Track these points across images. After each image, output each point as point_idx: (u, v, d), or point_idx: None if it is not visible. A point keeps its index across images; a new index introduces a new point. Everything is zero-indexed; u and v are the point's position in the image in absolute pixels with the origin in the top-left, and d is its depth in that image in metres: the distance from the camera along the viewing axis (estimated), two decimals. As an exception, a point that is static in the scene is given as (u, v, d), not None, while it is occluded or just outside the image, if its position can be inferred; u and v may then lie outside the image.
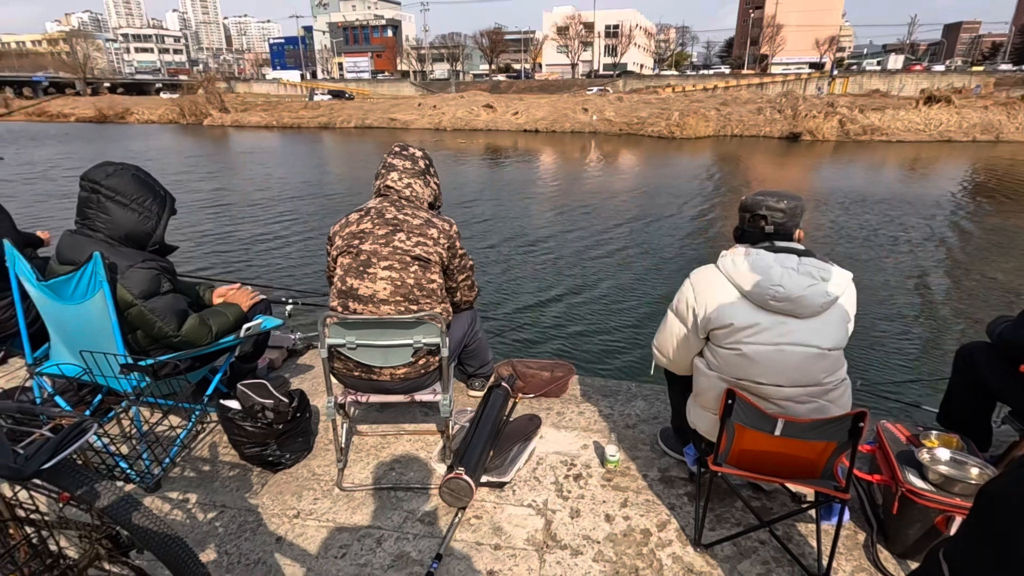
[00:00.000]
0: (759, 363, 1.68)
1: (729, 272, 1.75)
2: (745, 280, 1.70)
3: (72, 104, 53.99)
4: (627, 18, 77.28)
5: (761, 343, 1.67)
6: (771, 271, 1.66)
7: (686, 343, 1.87)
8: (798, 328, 1.66)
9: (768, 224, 1.77)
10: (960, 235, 11.03)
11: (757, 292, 1.67)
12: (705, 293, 1.78)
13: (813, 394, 1.70)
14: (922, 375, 5.40)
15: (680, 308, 1.87)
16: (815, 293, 1.64)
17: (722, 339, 1.74)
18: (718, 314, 1.73)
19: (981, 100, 33.57)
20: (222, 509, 2.00)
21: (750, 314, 1.69)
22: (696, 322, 1.80)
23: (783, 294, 1.64)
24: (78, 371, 2.05)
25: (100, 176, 2.03)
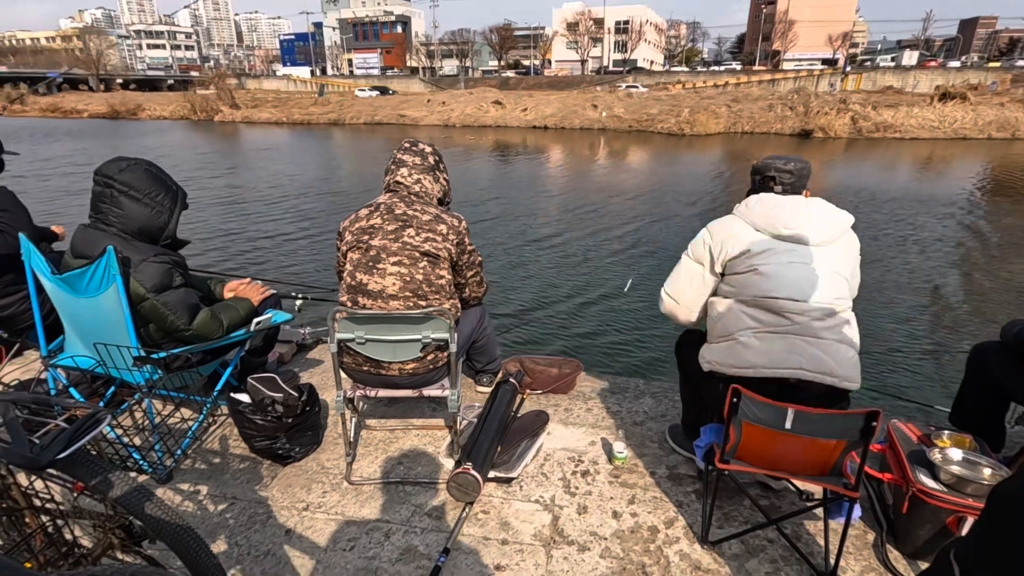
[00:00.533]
0: (776, 278, 1.76)
1: (742, 213, 1.91)
2: (757, 216, 1.85)
3: (86, 100, 54.51)
4: (637, 14, 76.81)
5: (775, 262, 1.78)
6: (781, 206, 1.84)
7: (700, 282, 1.94)
8: (809, 252, 1.79)
9: (777, 184, 1.92)
10: (974, 234, 10.89)
11: (769, 223, 1.82)
12: (720, 232, 1.90)
13: (826, 312, 1.75)
14: (934, 375, 5.34)
15: (695, 250, 1.95)
16: (822, 223, 1.81)
17: (738, 265, 1.83)
18: (734, 245, 1.85)
19: (997, 97, 33.06)
20: (232, 501, 2.03)
21: (765, 242, 1.81)
22: (712, 258, 1.89)
23: (793, 223, 1.79)
24: (92, 363, 2.07)
25: (113, 171, 2.05)
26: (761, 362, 1.74)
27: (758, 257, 1.79)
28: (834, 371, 1.71)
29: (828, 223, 1.82)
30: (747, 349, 1.77)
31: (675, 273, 2.01)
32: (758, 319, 1.78)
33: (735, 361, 1.79)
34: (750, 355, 1.76)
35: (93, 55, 76.14)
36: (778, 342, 1.74)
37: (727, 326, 1.84)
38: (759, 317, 1.78)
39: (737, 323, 1.81)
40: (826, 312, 1.75)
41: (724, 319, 1.85)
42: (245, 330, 2.32)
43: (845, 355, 1.74)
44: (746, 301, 1.80)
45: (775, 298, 1.75)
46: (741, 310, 1.81)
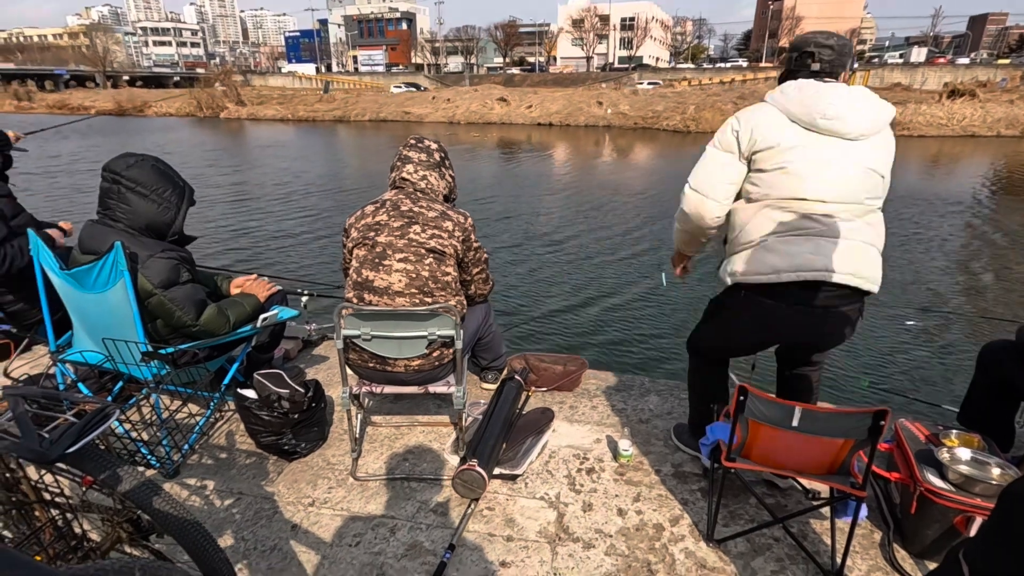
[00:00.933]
0: (805, 178, 1.66)
1: (777, 101, 1.74)
2: (793, 103, 1.70)
3: (92, 97, 54.80)
4: (643, 10, 76.41)
5: (806, 160, 1.67)
6: (820, 93, 1.68)
7: (724, 171, 1.78)
8: (844, 147, 1.68)
9: (815, 62, 1.75)
10: (982, 233, 10.80)
11: (806, 112, 1.67)
12: (751, 120, 1.75)
13: (855, 212, 1.70)
14: (941, 374, 5.31)
15: (723, 139, 1.80)
16: (864, 114, 1.67)
17: (766, 161, 1.71)
18: (763, 135, 1.70)
19: (1007, 94, 32.70)
20: (239, 496, 2.04)
21: (797, 135, 1.68)
22: (740, 146, 1.74)
23: (833, 112, 1.64)
24: (100, 359, 2.09)
25: (121, 167, 2.06)
26: (786, 266, 1.69)
27: (788, 153, 1.67)
28: (859, 272, 1.68)
29: (870, 114, 1.68)
30: (771, 253, 1.71)
31: (700, 165, 1.84)
32: (784, 222, 1.70)
33: (759, 267, 1.73)
34: (775, 259, 1.70)
35: (100, 52, 76.48)
36: (804, 244, 1.68)
37: (750, 232, 1.76)
38: (785, 220, 1.70)
39: (760, 229, 1.73)
40: (855, 213, 1.69)
41: (747, 226, 1.76)
42: (251, 326, 2.33)
43: (871, 256, 1.71)
44: (771, 204, 1.71)
45: (803, 199, 1.67)
46: (766, 215, 1.72)
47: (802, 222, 1.68)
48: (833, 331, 1.80)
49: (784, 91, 1.75)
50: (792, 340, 1.93)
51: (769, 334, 1.90)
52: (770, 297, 1.75)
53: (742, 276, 1.78)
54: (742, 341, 1.99)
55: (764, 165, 1.71)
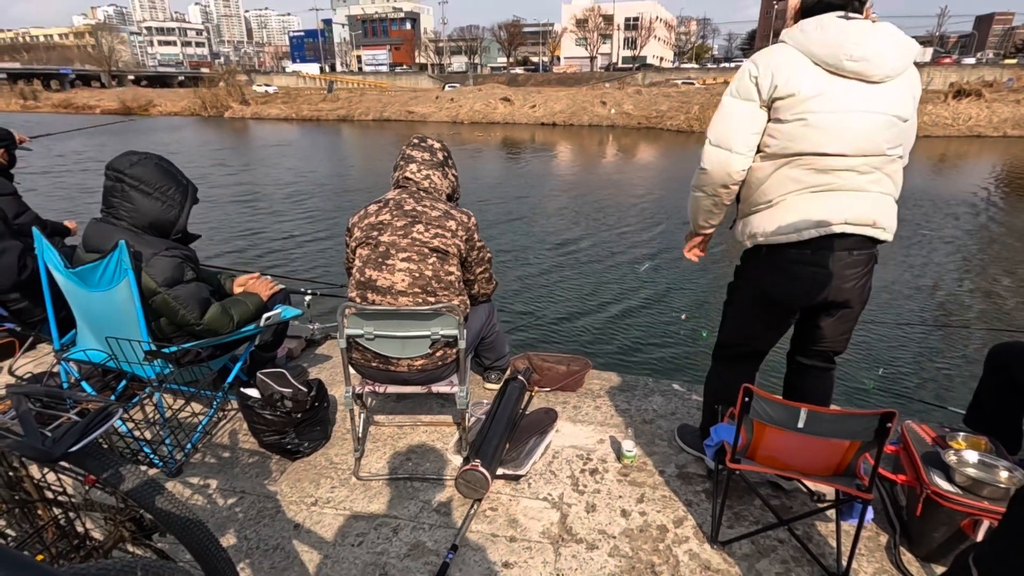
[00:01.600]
0: (825, 130, 1.59)
1: (798, 41, 1.63)
2: (816, 43, 1.60)
3: (98, 96, 55.12)
4: (647, 10, 76.30)
5: (828, 110, 1.59)
6: (846, 31, 1.57)
7: (749, 121, 1.68)
8: (868, 93, 1.60)
9: None
10: (988, 234, 10.74)
11: (831, 53, 1.57)
12: (770, 64, 1.64)
13: (875, 164, 1.64)
14: (948, 376, 5.28)
15: (740, 86, 1.70)
16: (890, 53, 1.58)
17: (786, 111, 1.62)
18: (784, 80, 1.61)
19: (1013, 94, 32.51)
20: (242, 495, 2.04)
21: (818, 81, 1.59)
22: (760, 93, 1.65)
23: (860, 52, 1.55)
24: (103, 357, 2.09)
25: (124, 165, 2.06)
26: (806, 224, 1.66)
27: (809, 102, 1.59)
28: (877, 223, 1.67)
29: (895, 53, 1.58)
30: (791, 212, 1.68)
31: (719, 117, 1.74)
32: (802, 180, 1.66)
33: (780, 227, 1.69)
34: (795, 218, 1.67)
35: (105, 52, 76.79)
36: (824, 200, 1.65)
37: (767, 192, 1.71)
38: (803, 178, 1.65)
39: (780, 188, 1.69)
40: (875, 164, 1.64)
41: (764, 185, 1.71)
42: (255, 325, 2.33)
43: (888, 206, 1.70)
44: (790, 161, 1.66)
45: (823, 154, 1.61)
46: (785, 174, 1.67)
47: (822, 178, 1.64)
48: (855, 280, 1.74)
49: (804, 29, 1.64)
50: (816, 296, 1.79)
51: (793, 292, 1.80)
52: (792, 248, 1.71)
53: (763, 237, 1.74)
54: (769, 309, 1.88)
55: (784, 115, 1.63)
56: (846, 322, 1.87)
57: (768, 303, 1.87)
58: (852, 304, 1.81)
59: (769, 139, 1.68)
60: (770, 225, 1.72)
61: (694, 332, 6.00)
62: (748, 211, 1.81)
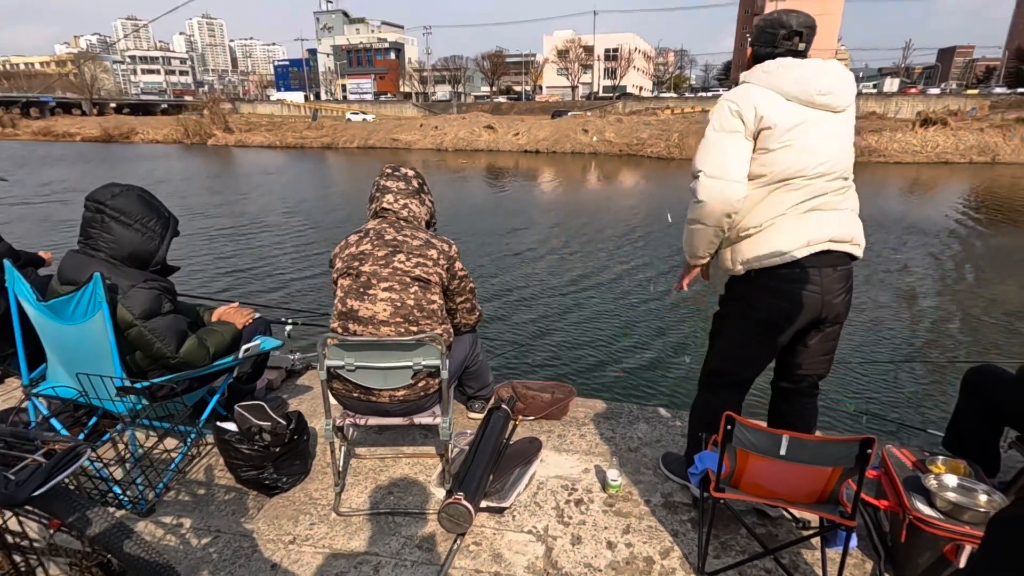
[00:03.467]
0: (812, 154, 1.72)
1: (764, 80, 1.75)
2: (785, 81, 1.73)
3: (79, 124, 54.64)
4: (626, 42, 78.56)
5: (810, 137, 1.72)
6: (808, 70, 1.73)
7: (739, 150, 1.74)
8: (835, 121, 1.76)
9: (802, 41, 1.79)
10: (960, 257, 11.04)
11: (802, 90, 1.71)
12: (749, 99, 1.74)
13: (846, 184, 1.81)
14: (925, 398, 5.35)
15: (723, 121, 1.76)
16: (846, 85, 1.76)
17: (771, 140, 1.72)
18: (767, 112, 1.71)
19: (977, 122, 33.88)
20: (217, 534, 1.97)
21: (795, 113, 1.72)
22: (745, 125, 1.73)
23: (826, 87, 1.72)
24: (74, 393, 2.03)
25: (105, 196, 2.05)
26: (795, 245, 1.74)
27: (792, 131, 1.71)
28: (855, 239, 1.80)
29: (849, 87, 1.77)
30: (781, 234, 1.75)
31: (707, 152, 1.78)
32: (791, 202, 1.75)
33: (771, 249, 1.76)
34: (785, 240, 1.75)
35: (87, 79, 76.56)
36: (809, 219, 1.75)
37: (757, 216, 1.78)
38: (792, 200, 1.75)
39: (769, 211, 1.77)
40: (845, 184, 1.80)
41: (755, 210, 1.78)
42: (233, 357, 2.29)
43: (858, 223, 1.83)
44: (779, 181, 1.74)
45: (809, 176, 1.73)
46: (774, 197, 1.76)
47: (809, 200, 1.75)
48: (839, 294, 1.82)
49: (767, 70, 1.76)
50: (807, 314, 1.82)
51: (784, 311, 1.82)
52: (783, 269, 1.77)
53: (756, 261, 1.79)
54: (759, 332, 1.89)
55: (770, 144, 1.73)
56: (830, 340, 1.92)
57: (764, 327, 1.89)
58: (840, 319, 1.89)
59: (759, 167, 1.76)
60: (763, 248, 1.77)
61: (680, 357, 6.03)
62: (737, 238, 1.85)
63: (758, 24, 1.85)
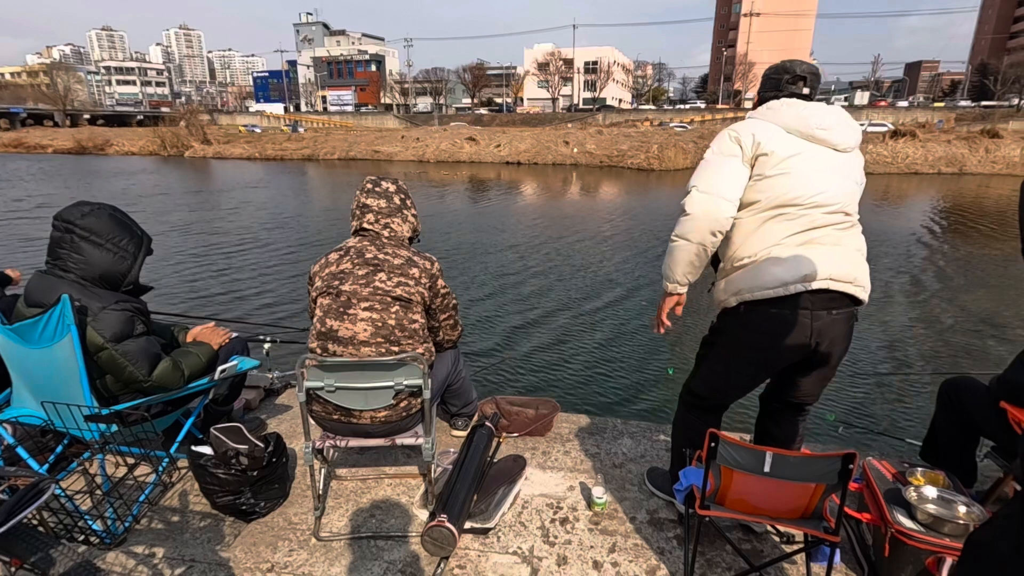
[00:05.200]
0: (808, 182, 1.71)
1: (768, 116, 1.81)
2: (787, 117, 1.78)
3: (51, 135, 53.45)
4: (606, 55, 79.77)
5: (807, 167, 1.73)
6: (808, 107, 1.78)
7: (734, 172, 1.77)
8: (837, 159, 1.77)
9: (806, 85, 1.85)
10: (932, 267, 11.31)
11: (803, 123, 1.75)
12: (749, 128, 1.79)
13: (851, 221, 1.78)
14: (902, 407, 5.44)
15: (723, 146, 1.80)
16: (849, 129, 1.80)
17: (769, 166, 1.74)
18: (765, 140, 1.75)
19: (944, 134, 35.01)
20: (191, 564, 1.90)
21: (794, 144, 1.75)
22: (743, 150, 1.76)
23: (827, 123, 1.75)
24: (40, 420, 1.95)
25: (75, 216, 1.99)
26: (792, 277, 1.69)
27: (789, 160, 1.73)
28: (857, 280, 1.74)
29: (853, 130, 1.81)
30: (777, 266, 1.70)
31: (704, 170, 1.81)
32: (787, 231, 1.72)
33: (766, 281, 1.71)
34: (781, 271, 1.69)
35: (60, 90, 75.11)
36: (808, 252, 1.70)
37: (752, 246, 1.75)
38: (788, 229, 1.72)
39: (764, 240, 1.74)
40: (849, 223, 1.77)
41: (749, 239, 1.76)
42: (209, 378, 2.23)
43: (864, 265, 1.79)
44: (774, 208, 1.73)
45: (806, 204, 1.71)
46: (770, 226, 1.73)
47: (806, 232, 1.72)
48: (835, 338, 1.77)
49: (771, 107, 1.82)
50: (796, 354, 1.81)
51: (773, 350, 1.80)
52: (775, 308, 1.73)
53: (748, 292, 1.75)
54: (745, 367, 1.89)
55: (767, 171, 1.74)
56: (824, 376, 1.91)
57: (750, 364, 1.87)
58: (832, 360, 1.85)
59: (755, 194, 1.76)
60: (755, 279, 1.73)
61: (663, 369, 6.05)
62: (731, 269, 1.83)
63: (765, 73, 1.94)
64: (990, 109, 53.50)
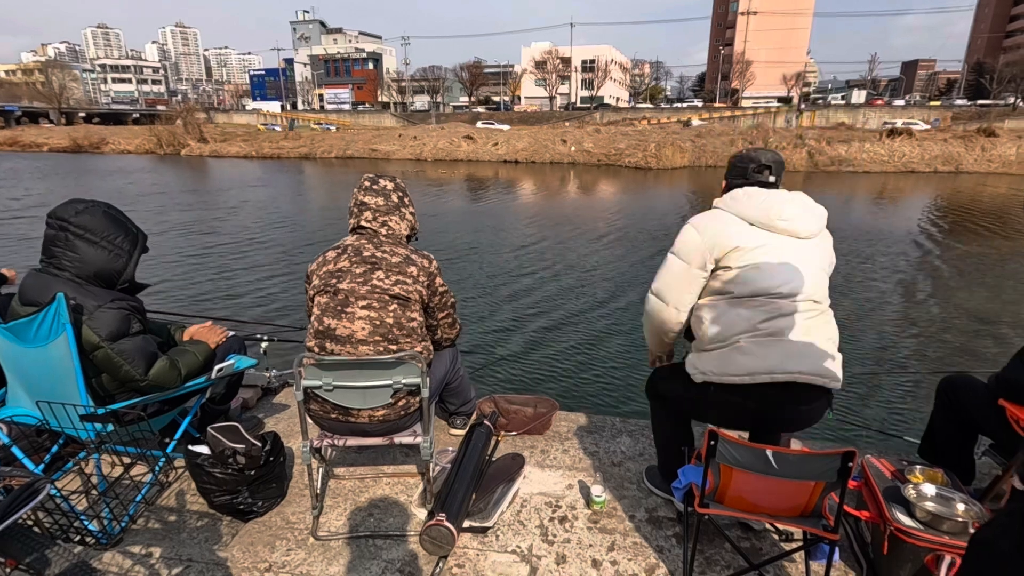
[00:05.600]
0: (774, 273, 1.75)
1: (730, 207, 1.86)
2: (749, 209, 1.82)
3: (46, 134, 53.15)
4: (603, 53, 79.67)
5: (773, 258, 1.77)
6: (771, 198, 1.83)
7: (689, 280, 1.86)
8: (801, 247, 1.81)
9: (772, 174, 1.93)
10: (929, 265, 11.35)
11: (763, 216, 1.80)
12: (709, 227, 1.85)
13: (819, 309, 1.80)
14: (899, 405, 5.45)
15: (682, 247, 1.88)
16: (811, 216, 1.84)
17: (732, 261, 1.79)
18: (727, 239, 1.80)
19: (940, 133, 35.11)
20: (188, 564, 1.89)
21: (758, 236, 1.79)
22: (703, 254, 1.82)
23: (788, 213, 1.80)
24: (36, 420, 1.94)
25: (69, 214, 1.97)
26: (759, 368, 1.73)
27: (754, 252, 1.77)
28: (825, 372, 1.76)
29: (816, 216, 1.86)
30: (745, 356, 1.75)
31: (662, 272, 1.93)
32: (753, 320, 1.75)
33: (732, 368, 1.76)
34: (748, 362, 1.74)
35: (55, 88, 74.71)
36: (775, 346, 1.74)
37: (721, 332, 1.79)
38: (754, 318, 1.75)
39: (731, 328, 1.78)
40: (817, 311, 1.79)
41: (717, 324, 1.80)
42: (206, 377, 2.22)
43: (834, 355, 1.80)
44: (741, 299, 1.77)
45: (772, 294, 1.74)
46: (736, 312, 1.77)
47: (773, 321, 1.75)
48: (799, 421, 1.87)
49: (735, 198, 1.88)
50: (759, 427, 1.96)
51: (735, 423, 1.95)
52: (739, 394, 1.79)
53: (715, 376, 1.81)
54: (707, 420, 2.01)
55: (732, 264, 1.79)
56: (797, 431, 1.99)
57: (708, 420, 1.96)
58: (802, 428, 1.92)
59: (723, 284, 1.82)
60: (723, 366, 1.79)
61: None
62: (701, 348, 1.88)
63: (731, 161, 2.01)
64: (986, 108, 53.68)
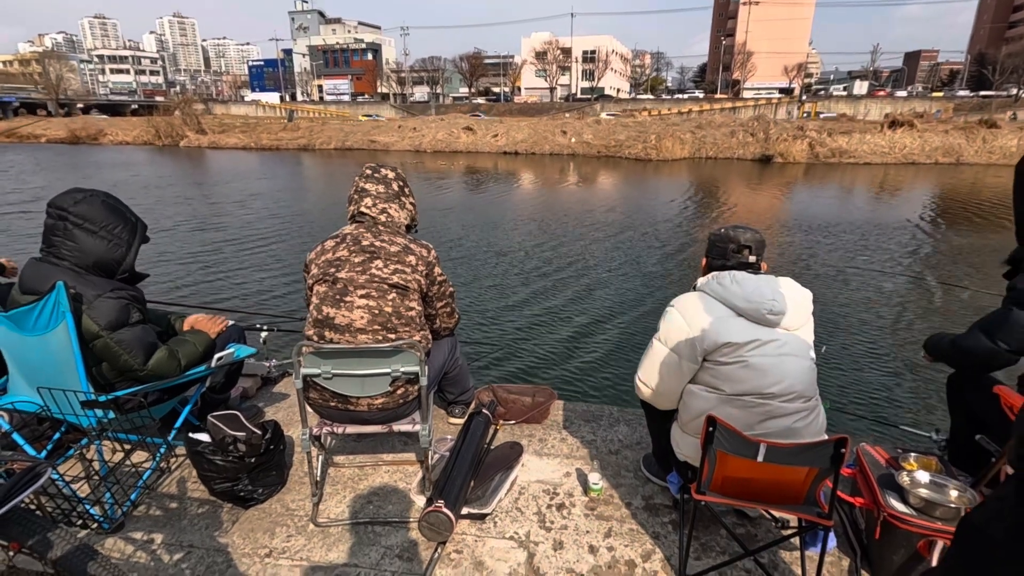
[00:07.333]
0: (767, 373, 1.71)
1: (719, 294, 1.80)
2: (739, 298, 1.77)
3: (44, 125, 52.94)
4: (603, 44, 79.22)
5: (764, 354, 1.72)
6: (762, 288, 1.77)
7: (677, 371, 1.84)
8: (791, 340, 1.76)
9: (752, 254, 1.89)
10: (927, 256, 11.35)
11: (753, 308, 1.74)
12: (697, 317, 1.80)
13: (811, 407, 1.76)
14: (898, 393, 5.48)
15: (669, 335, 1.85)
16: (799, 305, 1.80)
17: (725, 356, 1.75)
18: (716, 334, 1.75)
19: (941, 124, 34.94)
20: (189, 549, 1.91)
21: (749, 329, 1.75)
22: (692, 346, 1.78)
23: (779, 307, 1.74)
24: (36, 407, 1.95)
25: (68, 203, 1.97)
26: None
27: (746, 348, 1.72)
28: None
29: (803, 305, 1.81)
30: None
31: (649, 360, 1.91)
32: (743, 421, 1.70)
33: None
34: None
35: (53, 79, 74.27)
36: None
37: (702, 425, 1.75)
38: (744, 418, 1.71)
39: None
40: (808, 410, 1.75)
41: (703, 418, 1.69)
42: (206, 366, 2.23)
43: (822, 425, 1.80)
44: (731, 398, 1.74)
45: (764, 395, 1.71)
46: (726, 412, 1.72)
47: (764, 424, 1.72)
48: None
49: (721, 283, 1.81)
50: None
51: None
52: None
53: (693, 461, 1.81)
54: None
55: (723, 359, 1.75)
56: None
57: None
58: None
59: (713, 379, 1.79)
60: None
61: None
62: (685, 430, 1.87)
63: (711, 239, 1.96)
64: (988, 99, 53.43)
